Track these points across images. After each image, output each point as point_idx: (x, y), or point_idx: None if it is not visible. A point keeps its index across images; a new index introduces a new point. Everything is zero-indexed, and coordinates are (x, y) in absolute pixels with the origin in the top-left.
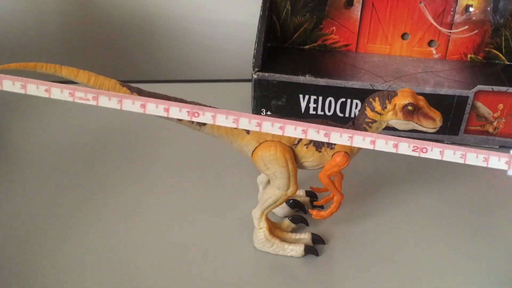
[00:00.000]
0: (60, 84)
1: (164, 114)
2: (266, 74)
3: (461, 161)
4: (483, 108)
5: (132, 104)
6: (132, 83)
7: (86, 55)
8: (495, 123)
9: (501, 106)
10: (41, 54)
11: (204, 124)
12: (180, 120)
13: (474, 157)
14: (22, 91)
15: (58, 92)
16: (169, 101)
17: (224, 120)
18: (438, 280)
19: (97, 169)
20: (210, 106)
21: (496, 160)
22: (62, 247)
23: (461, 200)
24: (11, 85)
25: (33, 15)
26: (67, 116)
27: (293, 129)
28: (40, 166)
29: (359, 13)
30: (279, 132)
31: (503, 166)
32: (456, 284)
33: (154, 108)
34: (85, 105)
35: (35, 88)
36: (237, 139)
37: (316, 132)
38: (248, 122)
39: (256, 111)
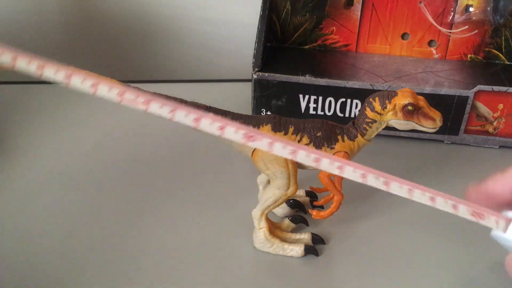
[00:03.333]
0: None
1: (218, 133)
2: (266, 74)
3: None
4: (483, 108)
5: (184, 117)
6: (132, 83)
7: (86, 55)
8: (495, 123)
9: (501, 106)
10: (41, 54)
11: None
12: None
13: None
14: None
15: (157, 108)
16: (225, 120)
17: (280, 149)
18: (438, 280)
19: (96, 168)
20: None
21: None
22: (60, 247)
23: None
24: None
25: (33, 15)
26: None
27: (351, 171)
28: (46, 169)
29: (359, 13)
30: (337, 172)
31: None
32: (456, 284)
33: (208, 124)
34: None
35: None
36: None
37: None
38: (306, 156)
39: (256, 111)
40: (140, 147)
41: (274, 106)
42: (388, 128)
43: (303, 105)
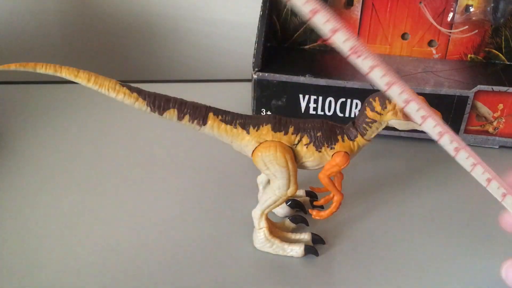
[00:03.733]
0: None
1: (453, 154)
2: (266, 74)
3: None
4: (483, 108)
5: (432, 128)
6: (132, 83)
7: (86, 55)
8: (495, 123)
9: (501, 106)
10: (41, 54)
11: (205, 123)
12: (180, 119)
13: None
14: None
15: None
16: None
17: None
18: (438, 280)
19: (97, 168)
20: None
21: None
22: (60, 247)
23: (461, 199)
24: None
25: (33, 15)
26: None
27: None
28: (46, 169)
29: (359, 13)
30: None
31: None
32: (456, 284)
33: (448, 143)
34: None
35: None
36: (237, 139)
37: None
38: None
39: (256, 111)
40: (140, 147)
41: (274, 106)
42: (388, 128)
43: (303, 105)
